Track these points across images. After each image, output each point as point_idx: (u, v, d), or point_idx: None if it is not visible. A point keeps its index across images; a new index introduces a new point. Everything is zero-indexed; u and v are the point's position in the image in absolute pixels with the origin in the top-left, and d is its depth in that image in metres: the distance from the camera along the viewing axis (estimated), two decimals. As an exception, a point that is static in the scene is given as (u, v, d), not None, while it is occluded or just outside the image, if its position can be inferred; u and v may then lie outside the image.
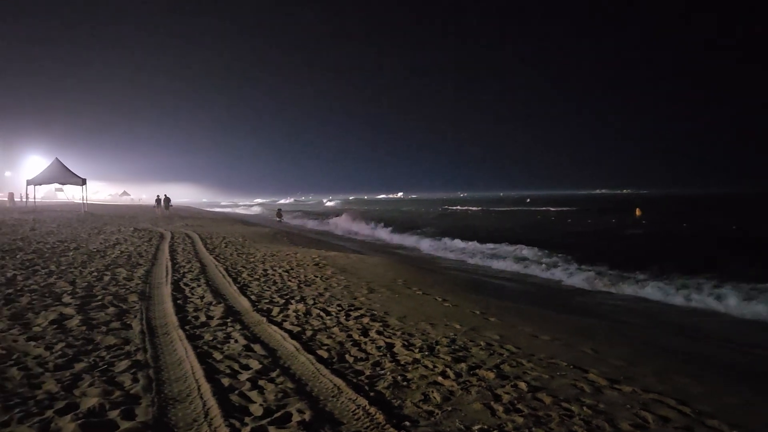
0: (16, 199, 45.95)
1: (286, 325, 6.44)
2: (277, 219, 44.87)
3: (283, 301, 7.93)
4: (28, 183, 37.24)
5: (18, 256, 11.24)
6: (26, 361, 4.64)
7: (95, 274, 9.51)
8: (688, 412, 4.18)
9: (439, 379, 4.70)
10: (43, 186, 41.50)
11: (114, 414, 3.57)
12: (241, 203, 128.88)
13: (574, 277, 14.93)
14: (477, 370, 5.01)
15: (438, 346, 5.82)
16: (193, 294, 8.11)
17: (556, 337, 6.99)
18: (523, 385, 4.62)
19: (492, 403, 4.17)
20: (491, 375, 4.88)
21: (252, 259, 12.90)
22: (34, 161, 69.21)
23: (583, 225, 43.29)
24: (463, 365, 5.14)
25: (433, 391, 4.35)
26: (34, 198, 39.42)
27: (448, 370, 4.96)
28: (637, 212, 58.53)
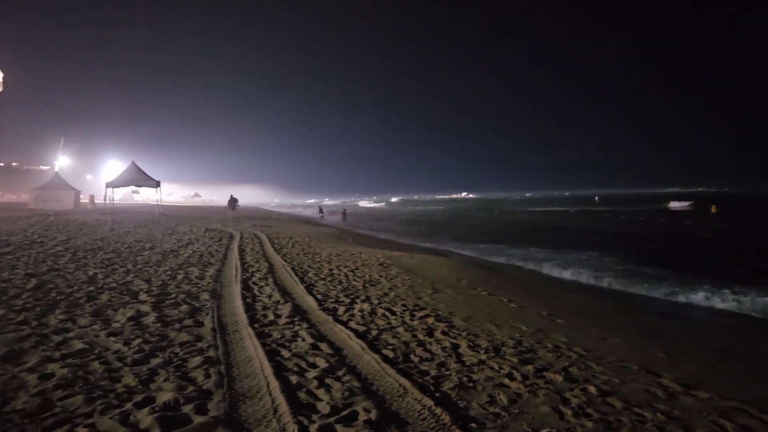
0: (96, 201, 48.38)
1: (352, 324, 6.50)
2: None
3: (349, 300, 8.01)
4: (107, 185, 39.12)
5: (98, 255, 11.81)
6: (107, 355, 4.86)
7: (169, 273, 9.88)
8: (772, 422, 3.97)
9: (506, 380, 4.64)
10: (120, 188, 43.44)
11: (188, 408, 3.69)
12: (299, 203, 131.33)
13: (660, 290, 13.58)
14: (544, 373, 4.92)
15: (504, 348, 5.75)
16: (261, 293, 8.30)
17: (626, 340, 6.79)
18: (592, 389, 4.50)
19: (560, 406, 4.08)
20: (559, 378, 4.78)
21: (318, 259, 13.09)
22: (113, 165, 72.67)
23: (662, 226, 41.66)
24: (529, 367, 5.06)
25: (499, 393, 4.30)
26: (113, 200, 41.32)
27: (514, 371, 4.89)
28: (713, 209, 56.21)
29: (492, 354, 5.47)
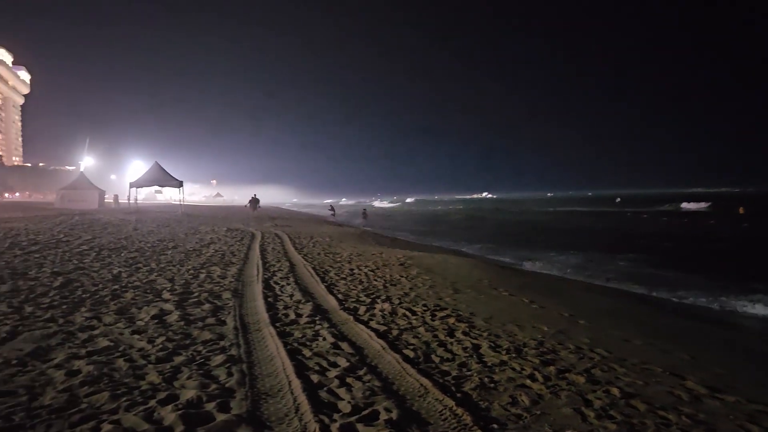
0: (120, 201, 49.10)
1: (373, 324, 6.51)
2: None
3: (370, 300, 8.02)
4: (131, 185, 39.70)
5: (122, 254, 11.97)
6: (131, 353, 4.93)
7: (192, 272, 9.99)
8: (801, 426, 3.90)
9: (527, 382, 4.61)
10: (144, 188, 44.03)
11: (210, 406, 3.73)
12: (316, 203, 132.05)
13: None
14: (566, 374, 4.88)
15: (525, 349, 5.72)
16: (282, 292, 8.35)
17: (650, 341, 6.72)
18: (615, 391, 4.46)
19: (583, 408, 4.05)
20: (581, 379, 4.75)
21: (338, 259, 13.14)
22: (137, 165, 73.65)
23: (684, 227, 41.07)
24: (551, 368, 5.02)
25: (521, 394, 4.27)
26: (136, 199, 41.87)
27: (536, 373, 4.86)
28: (740, 210, 55.30)
29: (513, 355, 5.44)
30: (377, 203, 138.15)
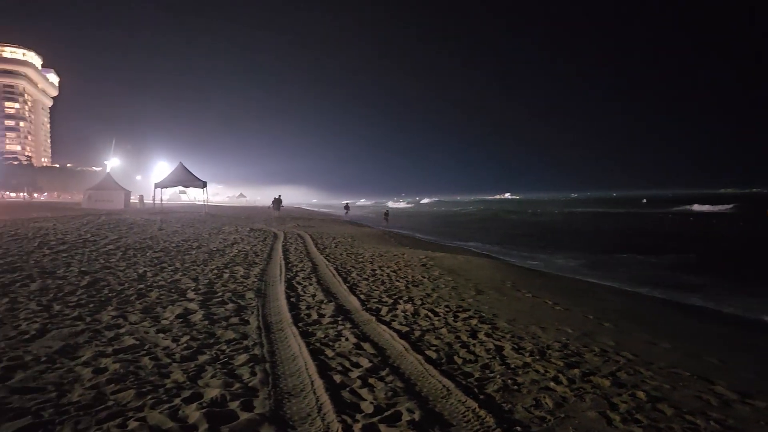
0: (145, 201, 49.79)
1: (395, 324, 6.51)
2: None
3: (392, 300, 8.02)
4: (156, 186, 40.21)
5: (148, 254, 12.13)
6: (156, 351, 4.98)
7: (215, 271, 10.07)
8: (834, 433, 3.81)
9: (551, 384, 4.57)
10: (168, 188, 44.57)
11: (234, 405, 3.75)
12: (335, 203, 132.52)
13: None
14: (591, 377, 4.83)
15: (549, 351, 5.67)
16: (305, 292, 8.38)
17: (677, 345, 6.62)
18: (641, 395, 4.39)
19: (608, 411, 4.00)
20: (607, 382, 4.69)
21: (361, 259, 13.16)
22: (162, 166, 74.61)
23: (711, 228, 40.34)
24: (576, 371, 4.97)
25: (545, 397, 4.23)
26: (161, 200, 42.39)
27: (560, 375, 4.81)
28: None
29: (537, 357, 5.40)
30: (392, 203, 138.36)
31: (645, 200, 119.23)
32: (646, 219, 54.23)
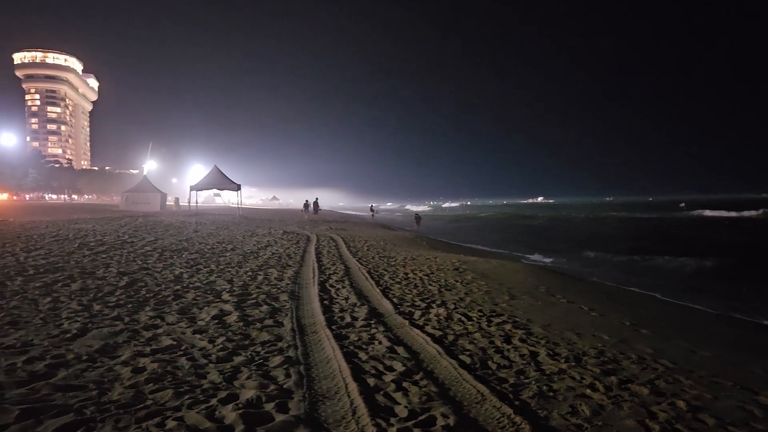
0: (181, 204, 50.68)
1: (428, 328, 6.48)
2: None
3: (425, 304, 7.99)
4: (191, 189, 40.88)
5: (184, 256, 12.33)
6: (193, 352, 5.06)
7: (249, 273, 10.19)
8: None
9: (588, 391, 4.49)
10: (203, 191, 45.26)
11: (269, 406, 3.78)
12: (361, 206, 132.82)
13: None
14: (629, 385, 4.74)
15: (585, 357, 5.58)
16: (338, 295, 8.42)
17: (718, 353, 6.46)
18: (681, 404, 4.29)
19: (647, 420, 3.91)
20: (645, 390, 4.59)
21: (393, 263, 13.16)
22: (197, 169, 75.82)
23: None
24: (613, 378, 4.89)
25: (581, 404, 4.17)
26: (196, 202, 43.07)
27: (596, 382, 4.73)
28: None
29: (573, 363, 5.32)
30: (414, 207, 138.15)
31: (683, 204, 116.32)
32: (681, 223, 53.09)
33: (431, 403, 3.99)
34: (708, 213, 71.11)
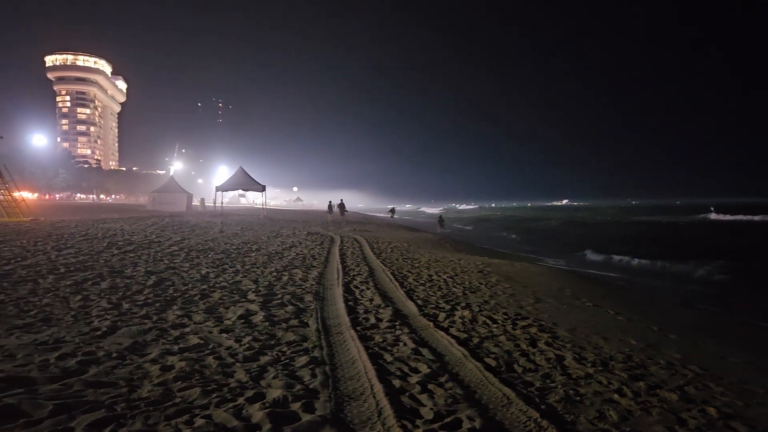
0: (206, 204, 51.23)
1: (453, 330, 6.46)
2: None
3: (449, 306, 7.97)
4: (217, 189, 41.29)
5: (210, 256, 12.47)
6: (220, 351, 5.11)
7: (274, 274, 10.26)
8: None
9: (615, 396, 4.44)
10: (228, 191, 45.70)
11: (296, 406, 3.80)
12: (380, 208, 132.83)
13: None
14: (657, 390, 4.67)
15: (612, 362, 5.52)
16: (362, 296, 8.43)
17: (748, 360, 6.34)
18: (712, 411, 4.22)
19: (676, 427, 3.86)
20: (674, 396, 4.52)
21: (417, 265, 13.15)
22: (222, 170, 76.61)
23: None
24: (641, 384, 4.82)
25: (609, 409, 4.12)
26: (222, 203, 43.49)
27: (624, 387, 4.67)
28: None
29: (600, 368, 5.26)
30: (426, 209, 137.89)
31: (712, 208, 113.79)
32: (709, 227, 52.12)
33: (457, 406, 3.98)
34: (740, 217, 69.63)
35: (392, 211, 56.20)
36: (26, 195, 42.52)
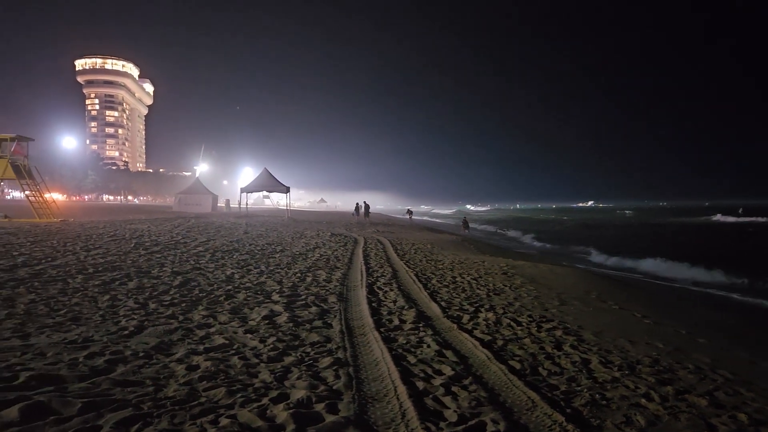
0: (232, 205, 51.73)
1: (477, 333, 6.42)
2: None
3: (473, 308, 7.92)
4: (242, 191, 41.70)
5: (235, 256, 12.58)
6: (245, 351, 5.15)
7: (298, 275, 10.32)
8: None
9: (642, 401, 4.37)
10: (253, 193, 46.09)
11: (320, 407, 3.81)
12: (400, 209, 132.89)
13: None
14: (686, 395, 4.58)
15: (639, 366, 5.43)
16: (386, 298, 8.43)
17: (781, 365, 6.18)
18: (743, 417, 4.12)
19: (706, 433, 3.78)
20: (703, 402, 4.43)
21: (440, 266, 13.11)
22: (247, 172, 77.23)
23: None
24: (669, 388, 4.73)
25: (636, 414, 4.05)
26: (246, 204, 43.87)
27: (651, 392, 4.59)
28: None
29: (626, 372, 5.18)
30: (438, 211, 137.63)
31: (741, 210, 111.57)
32: (739, 230, 51.15)
33: (481, 409, 3.95)
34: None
35: (409, 212, 56.21)
36: (56, 196, 43.32)
